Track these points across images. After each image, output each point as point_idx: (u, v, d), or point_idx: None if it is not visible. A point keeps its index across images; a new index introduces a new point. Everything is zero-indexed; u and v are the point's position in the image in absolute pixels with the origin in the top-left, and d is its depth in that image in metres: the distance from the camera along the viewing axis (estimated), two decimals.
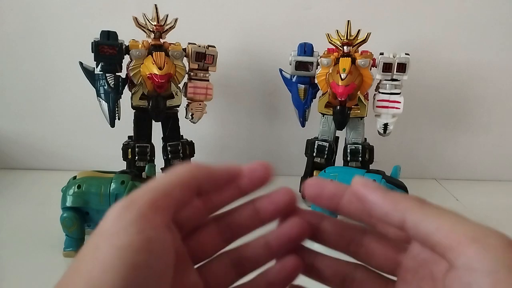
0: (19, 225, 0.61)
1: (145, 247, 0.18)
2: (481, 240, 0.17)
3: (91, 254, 0.18)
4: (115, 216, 0.19)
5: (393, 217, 0.20)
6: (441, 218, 0.19)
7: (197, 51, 0.64)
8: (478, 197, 0.79)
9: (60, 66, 0.79)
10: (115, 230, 0.18)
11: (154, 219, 0.19)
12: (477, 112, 0.85)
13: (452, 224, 0.18)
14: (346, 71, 0.61)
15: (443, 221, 0.18)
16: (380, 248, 0.23)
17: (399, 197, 0.21)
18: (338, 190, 0.23)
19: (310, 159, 0.70)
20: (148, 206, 0.19)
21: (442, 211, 0.19)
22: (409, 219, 0.19)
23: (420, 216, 0.19)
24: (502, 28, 0.80)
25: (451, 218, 0.19)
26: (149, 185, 0.20)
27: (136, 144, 0.65)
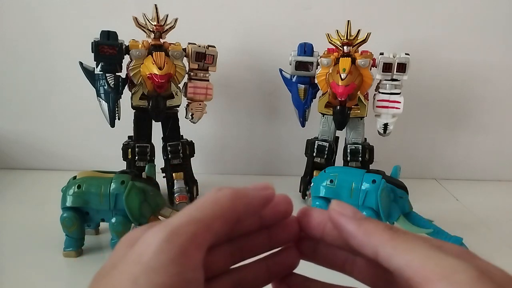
0: (19, 225, 0.61)
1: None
2: (449, 276, 0.17)
3: (124, 280, 0.17)
4: (156, 248, 0.18)
5: (367, 250, 0.20)
6: (411, 252, 0.18)
7: (197, 51, 0.64)
8: (478, 197, 0.79)
9: (60, 66, 0.79)
10: (155, 265, 0.17)
11: (194, 257, 0.18)
12: (477, 112, 0.85)
13: (422, 259, 0.18)
14: (346, 71, 0.61)
15: (412, 256, 0.18)
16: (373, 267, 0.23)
17: (372, 228, 0.20)
18: (322, 219, 0.23)
19: (310, 159, 0.70)
20: (190, 241, 0.18)
21: (413, 243, 0.19)
22: (381, 253, 0.19)
23: (391, 250, 0.19)
24: (502, 28, 0.80)
25: (421, 251, 0.18)
26: (191, 213, 0.20)
27: (136, 144, 0.65)
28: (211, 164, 0.86)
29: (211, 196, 0.20)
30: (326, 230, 0.23)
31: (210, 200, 0.20)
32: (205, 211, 0.20)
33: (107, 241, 0.52)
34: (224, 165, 0.87)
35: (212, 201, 0.20)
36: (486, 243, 0.60)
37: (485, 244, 0.59)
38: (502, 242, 0.61)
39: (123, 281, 0.17)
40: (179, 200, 0.66)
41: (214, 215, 0.20)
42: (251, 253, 0.24)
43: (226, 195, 0.20)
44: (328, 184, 0.55)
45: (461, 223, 0.65)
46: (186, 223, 0.19)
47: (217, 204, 0.20)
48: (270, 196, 0.22)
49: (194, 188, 0.70)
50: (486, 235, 0.63)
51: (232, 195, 0.21)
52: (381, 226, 0.20)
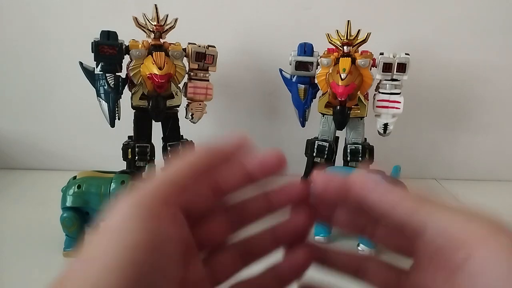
0: (19, 225, 0.61)
1: (153, 247, 0.18)
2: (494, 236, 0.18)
3: (95, 252, 0.17)
4: (122, 213, 0.18)
5: (396, 218, 0.20)
6: (448, 216, 0.19)
7: (197, 51, 0.64)
8: (478, 197, 0.79)
9: (60, 66, 0.79)
10: (122, 228, 0.18)
11: (164, 216, 0.18)
12: (477, 112, 0.85)
13: (461, 222, 0.19)
14: (346, 71, 0.60)
15: (450, 220, 0.19)
16: (396, 232, 0.23)
17: (401, 197, 0.20)
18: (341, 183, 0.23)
19: (310, 159, 0.70)
20: (157, 202, 0.19)
21: (446, 207, 0.20)
22: (414, 218, 0.19)
23: (425, 216, 0.19)
24: (502, 28, 0.80)
25: (464, 212, 0.19)
26: (159, 177, 0.20)
27: (136, 144, 0.65)
28: None
29: (182, 158, 0.21)
30: (347, 195, 0.23)
31: (179, 161, 0.21)
32: (172, 171, 0.20)
33: None
34: None
35: (182, 161, 0.21)
36: None
37: None
38: None
39: (90, 249, 0.18)
40: None
41: (183, 173, 0.20)
42: (251, 218, 0.24)
43: (196, 153, 0.21)
44: None
45: None
46: (152, 186, 0.19)
47: (186, 163, 0.20)
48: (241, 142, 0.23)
49: None
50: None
51: (202, 152, 0.21)
52: (408, 193, 0.21)
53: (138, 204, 0.18)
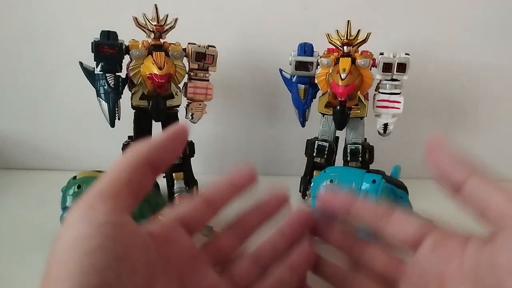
0: (19, 225, 0.61)
1: (98, 233, 0.18)
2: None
3: (51, 258, 0.19)
4: (68, 217, 0.19)
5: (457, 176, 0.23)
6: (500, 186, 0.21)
7: (197, 51, 0.64)
8: None
9: (60, 66, 0.79)
10: (66, 227, 0.19)
11: (104, 206, 0.19)
12: (477, 112, 0.85)
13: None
14: (346, 71, 0.61)
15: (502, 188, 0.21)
16: (383, 253, 0.24)
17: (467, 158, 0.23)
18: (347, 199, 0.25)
19: (310, 159, 0.70)
20: (95, 198, 0.20)
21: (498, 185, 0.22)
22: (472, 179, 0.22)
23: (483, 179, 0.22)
24: (502, 28, 0.80)
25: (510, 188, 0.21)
26: (98, 180, 0.22)
27: None
28: (211, 164, 0.86)
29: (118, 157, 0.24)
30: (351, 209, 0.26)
31: (115, 161, 0.23)
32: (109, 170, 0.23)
33: None
34: (224, 165, 0.87)
35: (117, 160, 0.23)
36: None
37: None
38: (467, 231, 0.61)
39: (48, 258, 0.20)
40: (179, 200, 0.66)
41: (118, 168, 0.22)
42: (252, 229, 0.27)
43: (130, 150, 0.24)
44: (328, 184, 0.55)
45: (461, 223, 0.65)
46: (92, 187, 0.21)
47: (120, 161, 0.23)
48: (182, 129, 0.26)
49: (194, 188, 0.70)
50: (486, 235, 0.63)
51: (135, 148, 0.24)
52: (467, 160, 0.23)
53: (77, 205, 0.20)
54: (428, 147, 0.24)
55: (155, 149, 0.24)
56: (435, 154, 0.24)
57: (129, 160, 0.23)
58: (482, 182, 0.21)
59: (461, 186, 0.22)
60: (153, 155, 0.24)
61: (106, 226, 0.18)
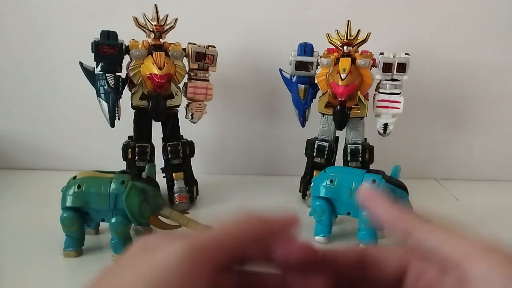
0: (19, 225, 0.61)
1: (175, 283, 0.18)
2: (489, 253, 0.19)
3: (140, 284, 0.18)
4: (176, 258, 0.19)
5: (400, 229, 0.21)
6: (448, 232, 0.20)
7: (197, 51, 0.64)
8: (478, 197, 0.79)
9: (60, 66, 0.79)
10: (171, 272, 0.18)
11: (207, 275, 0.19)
12: (477, 112, 0.85)
13: (460, 239, 0.20)
14: (346, 71, 0.60)
15: (450, 235, 0.20)
16: None
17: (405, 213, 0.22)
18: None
19: (310, 159, 0.70)
20: (208, 259, 0.19)
21: (447, 225, 0.21)
22: (416, 232, 0.21)
23: (428, 229, 0.20)
24: (501, 28, 0.80)
25: (458, 232, 0.20)
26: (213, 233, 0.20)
27: (136, 144, 0.65)
28: (211, 164, 0.86)
29: (234, 218, 0.21)
30: None
31: (232, 221, 0.21)
32: (226, 231, 0.21)
33: (107, 241, 0.52)
34: (224, 165, 0.87)
35: (234, 223, 0.21)
36: None
37: None
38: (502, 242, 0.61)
39: (135, 279, 0.18)
40: (179, 200, 0.66)
41: (234, 236, 0.21)
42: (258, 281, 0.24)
43: (245, 217, 0.22)
44: (328, 184, 0.55)
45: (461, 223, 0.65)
46: (209, 242, 0.20)
47: (238, 227, 0.21)
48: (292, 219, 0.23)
49: (194, 188, 0.70)
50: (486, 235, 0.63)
51: (251, 218, 0.22)
52: (412, 212, 0.22)
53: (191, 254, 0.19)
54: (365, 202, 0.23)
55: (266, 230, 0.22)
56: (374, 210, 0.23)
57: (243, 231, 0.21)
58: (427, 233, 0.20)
59: (407, 238, 0.21)
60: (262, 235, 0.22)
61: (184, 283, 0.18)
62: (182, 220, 0.51)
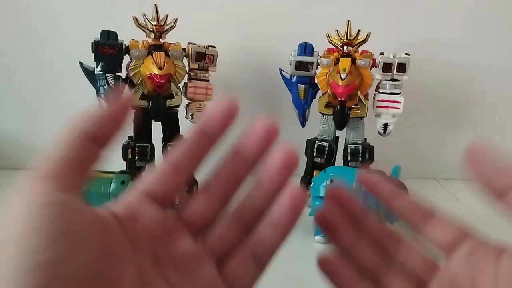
0: None
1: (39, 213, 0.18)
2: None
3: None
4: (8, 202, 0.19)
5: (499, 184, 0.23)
6: None
7: (197, 51, 0.64)
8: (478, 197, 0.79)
9: (60, 66, 0.79)
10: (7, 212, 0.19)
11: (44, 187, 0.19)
12: (477, 112, 0.85)
13: None
14: (346, 71, 0.61)
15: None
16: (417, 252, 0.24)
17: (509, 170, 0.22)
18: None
19: (310, 159, 0.70)
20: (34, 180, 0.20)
21: None
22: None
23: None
24: (502, 28, 0.80)
25: None
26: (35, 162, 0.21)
27: (136, 144, 0.65)
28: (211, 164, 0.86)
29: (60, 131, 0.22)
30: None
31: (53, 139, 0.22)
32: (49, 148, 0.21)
33: None
34: None
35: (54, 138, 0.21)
36: None
37: None
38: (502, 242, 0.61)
39: None
40: (179, 200, 0.66)
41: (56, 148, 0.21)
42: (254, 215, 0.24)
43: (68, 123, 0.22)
44: (328, 184, 0.55)
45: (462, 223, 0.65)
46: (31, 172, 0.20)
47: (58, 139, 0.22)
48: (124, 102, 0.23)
49: (194, 188, 0.70)
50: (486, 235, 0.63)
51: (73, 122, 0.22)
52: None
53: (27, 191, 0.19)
54: (470, 153, 0.23)
55: (96, 121, 0.22)
56: (477, 161, 0.23)
57: (66, 136, 0.21)
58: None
59: (504, 193, 0.21)
60: (93, 128, 0.22)
61: (48, 206, 0.18)
62: None
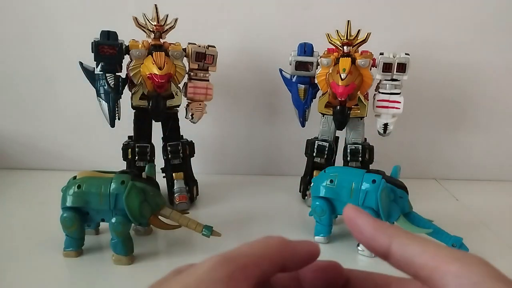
0: (19, 225, 0.61)
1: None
2: (462, 259, 0.19)
3: None
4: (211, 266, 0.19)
5: (380, 240, 0.21)
6: (425, 243, 0.20)
7: (197, 51, 0.64)
8: (478, 197, 0.79)
9: (60, 66, 0.79)
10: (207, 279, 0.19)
11: (240, 285, 0.19)
12: (477, 112, 0.85)
13: (436, 248, 0.20)
14: (346, 71, 0.60)
15: (427, 246, 0.20)
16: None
17: (386, 224, 0.22)
18: None
19: (310, 159, 0.70)
20: (240, 269, 0.19)
21: (425, 239, 0.21)
22: (395, 242, 0.21)
23: (406, 240, 0.21)
24: (502, 28, 0.80)
25: (434, 244, 0.20)
26: (243, 248, 0.21)
27: (136, 144, 0.65)
28: (211, 164, 0.86)
29: (262, 239, 0.22)
30: None
31: (261, 241, 0.21)
32: (256, 249, 0.21)
33: (107, 241, 0.52)
34: (224, 165, 0.87)
35: (263, 242, 0.21)
36: (486, 243, 0.60)
37: (485, 244, 0.59)
38: (502, 242, 0.61)
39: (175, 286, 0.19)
40: (179, 200, 0.66)
41: (264, 254, 0.21)
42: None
43: (276, 241, 0.22)
44: (328, 184, 0.55)
45: (461, 223, 0.65)
46: (238, 255, 0.20)
47: (267, 246, 0.21)
48: (315, 251, 0.23)
49: (194, 188, 0.70)
50: (486, 235, 0.63)
51: (281, 242, 0.22)
52: (392, 226, 0.22)
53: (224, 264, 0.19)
54: (347, 218, 0.23)
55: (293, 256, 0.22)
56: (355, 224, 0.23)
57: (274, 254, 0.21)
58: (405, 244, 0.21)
59: (387, 252, 0.21)
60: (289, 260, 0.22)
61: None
62: (182, 220, 0.51)
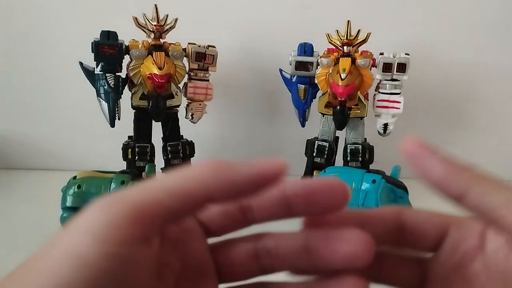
0: (19, 225, 0.61)
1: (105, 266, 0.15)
2: None
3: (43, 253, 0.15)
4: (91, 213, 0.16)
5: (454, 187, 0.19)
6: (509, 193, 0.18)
7: (197, 51, 0.64)
8: None
9: (60, 66, 0.79)
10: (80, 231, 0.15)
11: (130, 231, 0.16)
12: (477, 112, 0.85)
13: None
14: (346, 71, 0.61)
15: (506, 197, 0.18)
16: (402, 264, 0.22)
17: (460, 167, 0.19)
18: None
19: (310, 159, 0.70)
20: (128, 213, 0.16)
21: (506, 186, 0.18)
22: (473, 191, 0.18)
23: (485, 188, 0.18)
24: (502, 28, 0.80)
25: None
26: (148, 184, 0.17)
27: (136, 144, 0.65)
28: None
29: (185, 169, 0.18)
30: None
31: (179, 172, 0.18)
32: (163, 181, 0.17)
33: None
34: None
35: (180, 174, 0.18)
36: None
37: None
38: None
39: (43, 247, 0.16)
40: None
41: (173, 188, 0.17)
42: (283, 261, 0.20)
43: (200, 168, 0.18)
44: None
45: None
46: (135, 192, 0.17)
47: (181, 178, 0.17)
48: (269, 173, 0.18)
49: None
50: None
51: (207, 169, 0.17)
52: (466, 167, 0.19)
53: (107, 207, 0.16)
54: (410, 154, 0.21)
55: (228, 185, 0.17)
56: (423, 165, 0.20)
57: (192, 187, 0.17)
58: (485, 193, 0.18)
59: (461, 198, 0.19)
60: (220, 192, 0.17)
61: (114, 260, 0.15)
62: None
